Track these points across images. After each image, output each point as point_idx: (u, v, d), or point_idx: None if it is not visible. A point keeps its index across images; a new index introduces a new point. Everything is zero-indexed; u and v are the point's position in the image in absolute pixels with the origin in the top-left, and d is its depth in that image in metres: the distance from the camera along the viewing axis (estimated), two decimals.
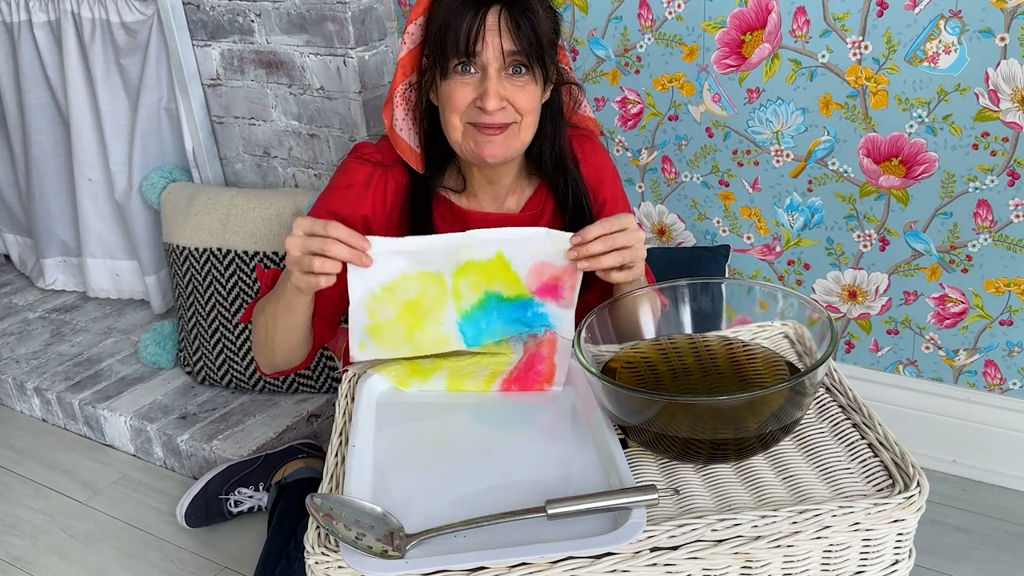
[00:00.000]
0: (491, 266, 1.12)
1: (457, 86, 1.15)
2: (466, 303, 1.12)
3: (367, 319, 1.12)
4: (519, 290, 1.13)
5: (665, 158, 1.79)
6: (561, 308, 1.13)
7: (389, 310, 1.12)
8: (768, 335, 1.11)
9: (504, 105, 1.15)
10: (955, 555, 1.54)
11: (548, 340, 1.13)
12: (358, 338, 1.12)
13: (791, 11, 1.56)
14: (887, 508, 0.84)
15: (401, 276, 1.11)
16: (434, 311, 1.12)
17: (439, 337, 1.13)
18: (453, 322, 1.13)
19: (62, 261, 2.53)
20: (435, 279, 1.12)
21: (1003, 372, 1.64)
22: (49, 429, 2.13)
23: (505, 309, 1.13)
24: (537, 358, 1.12)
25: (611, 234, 1.09)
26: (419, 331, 1.13)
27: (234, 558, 1.66)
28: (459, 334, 1.13)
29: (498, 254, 1.11)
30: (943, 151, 1.53)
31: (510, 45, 1.13)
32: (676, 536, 0.82)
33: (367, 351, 1.13)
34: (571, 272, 1.12)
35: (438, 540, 0.84)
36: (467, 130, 1.18)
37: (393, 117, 1.25)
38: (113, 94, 2.16)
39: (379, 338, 1.13)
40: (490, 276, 1.12)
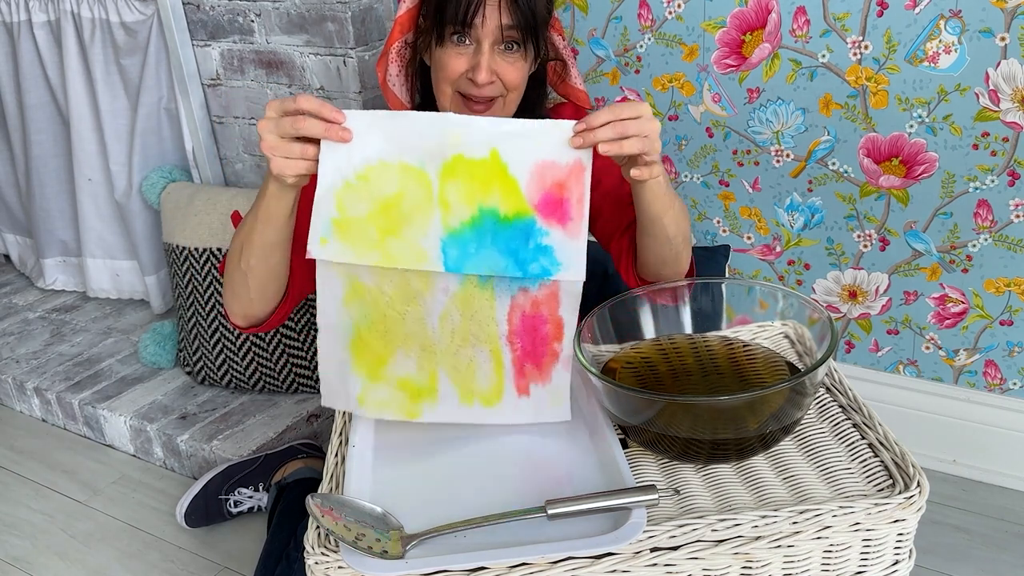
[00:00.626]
0: (485, 168, 0.97)
1: (451, 55, 1.18)
2: (455, 218, 0.98)
3: (335, 211, 0.97)
4: (519, 204, 0.97)
5: (665, 158, 1.79)
6: (568, 237, 0.98)
7: (362, 205, 0.98)
8: (768, 335, 1.10)
9: (493, 79, 1.18)
10: (955, 555, 1.54)
11: (548, 295, 1.00)
12: (320, 232, 0.98)
13: (791, 11, 1.56)
14: (887, 508, 0.84)
15: (379, 163, 0.97)
16: (416, 218, 0.98)
17: (417, 251, 0.98)
18: (437, 237, 0.98)
19: (62, 261, 2.53)
20: (418, 177, 0.97)
21: (1003, 372, 1.64)
22: (49, 429, 2.13)
23: (501, 234, 0.98)
24: (538, 320, 1.00)
25: (621, 121, 0.97)
26: (395, 237, 0.98)
27: (234, 558, 1.66)
28: (440, 254, 0.98)
29: (493, 153, 0.96)
30: (943, 151, 1.53)
31: (507, 19, 1.15)
32: (676, 536, 0.82)
33: (328, 248, 0.98)
34: (578, 175, 0.97)
35: (438, 540, 0.84)
36: (455, 98, 1.22)
37: (387, 72, 1.28)
38: (113, 94, 2.16)
39: (346, 235, 0.98)
40: (484, 183, 0.97)
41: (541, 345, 1.01)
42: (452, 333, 1.01)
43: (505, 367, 1.01)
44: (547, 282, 0.99)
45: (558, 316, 1.00)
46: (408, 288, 1.00)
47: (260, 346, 1.94)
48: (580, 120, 0.97)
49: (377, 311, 1.00)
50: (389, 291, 1.00)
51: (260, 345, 1.93)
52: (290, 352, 1.92)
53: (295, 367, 1.93)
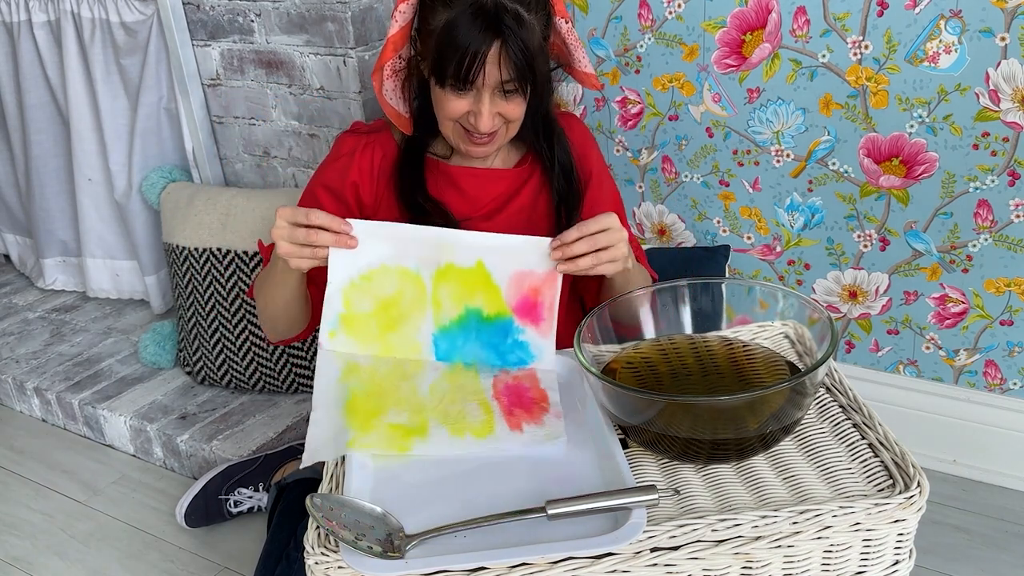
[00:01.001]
0: (472, 275, 1.11)
1: (451, 99, 1.20)
2: (446, 316, 1.12)
3: (342, 307, 1.11)
4: (499, 307, 1.12)
5: (665, 158, 1.79)
6: (540, 336, 1.12)
7: (365, 303, 1.11)
8: (768, 335, 1.10)
9: (495, 120, 1.21)
10: (955, 555, 1.54)
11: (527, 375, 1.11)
12: (330, 326, 1.11)
13: (791, 11, 1.56)
14: (887, 508, 0.84)
15: (381, 267, 1.11)
16: (412, 315, 1.12)
17: (413, 344, 1.12)
18: (429, 332, 1.12)
19: (62, 261, 2.53)
20: (414, 280, 1.12)
21: (1003, 372, 1.64)
22: (49, 429, 2.13)
23: (484, 330, 1.12)
24: (521, 389, 1.09)
25: (592, 235, 1.10)
26: (393, 332, 1.12)
27: (234, 558, 1.66)
28: (432, 346, 1.13)
29: (479, 263, 1.11)
30: (943, 151, 1.53)
31: (505, 75, 1.17)
32: (676, 536, 0.82)
33: (336, 341, 1.12)
34: (550, 282, 1.11)
35: (438, 540, 0.84)
36: (457, 129, 1.24)
37: (383, 88, 1.29)
38: (113, 94, 2.16)
39: (351, 330, 1.12)
40: (471, 287, 1.12)
41: (528, 403, 1.06)
42: (441, 398, 1.08)
43: (495, 412, 1.05)
44: (524, 368, 1.13)
45: (540, 388, 1.09)
46: (402, 369, 1.11)
47: (260, 346, 1.94)
48: (556, 238, 1.10)
49: (373, 382, 1.09)
50: (384, 370, 1.11)
51: (260, 345, 1.93)
52: (290, 352, 1.92)
53: (295, 367, 1.93)
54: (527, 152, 1.36)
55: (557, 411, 1.04)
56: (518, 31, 1.14)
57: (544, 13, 1.22)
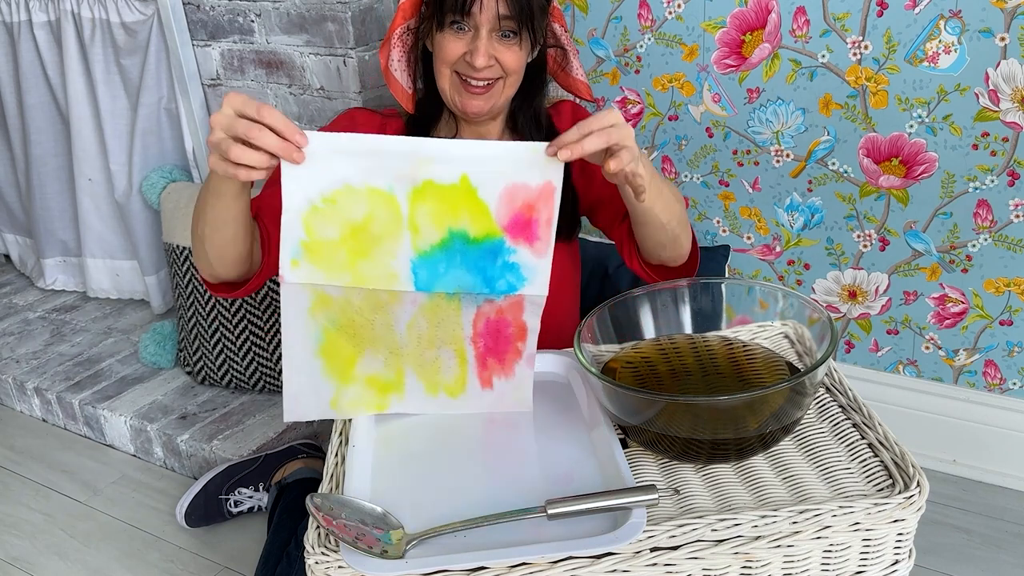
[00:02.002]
0: (455, 192, 0.97)
1: (450, 40, 1.21)
2: (425, 241, 0.98)
3: (303, 234, 0.97)
4: (488, 226, 0.98)
5: (665, 158, 1.79)
6: (535, 255, 1.00)
7: (331, 228, 0.97)
8: (768, 335, 1.10)
9: (492, 63, 1.21)
10: (955, 555, 1.54)
11: (512, 304, 1.02)
12: (291, 254, 0.97)
13: (791, 11, 1.56)
14: (887, 508, 0.84)
15: (345, 187, 0.96)
16: (386, 240, 0.98)
17: (388, 272, 0.99)
18: (407, 259, 0.99)
19: (62, 261, 2.53)
20: (387, 200, 0.97)
21: (1003, 372, 1.64)
22: (49, 429, 2.13)
23: (471, 253, 0.99)
24: (502, 323, 1.03)
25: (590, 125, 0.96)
26: (365, 260, 0.99)
27: (234, 558, 1.66)
28: (411, 275, 1.00)
29: (463, 178, 0.96)
30: (943, 151, 1.53)
31: (504, 10, 1.18)
32: (676, 536, 0.82)
33: (300, 271, 0.98)
34: (547, 197, 0.98)
35: (438, 540, 0.84)
36: (454, 82, 1.24)
37: (389, 58, 1.30)
38: (113, 94, 2.16)
39: (316, 258, 0.98)
40: (454, 206, 0.97)
41: (504, 343, 1.03)
42: (418, 338, 1.02)
43: (469, 363, 1.03)
44: (512, 295, 1.02)
45: (522, 321, 1.02)
46: (376, 299, 1.01)
47: (260, 346, 1.94)
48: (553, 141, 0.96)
49: (345, 316, 1.00)
50: (357, 301, 1.00)
51: (260, 345, 1.94)
52: None
53: None
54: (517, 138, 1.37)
55: (530, 356, 1.03)
56: None
57: None
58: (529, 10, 1.19)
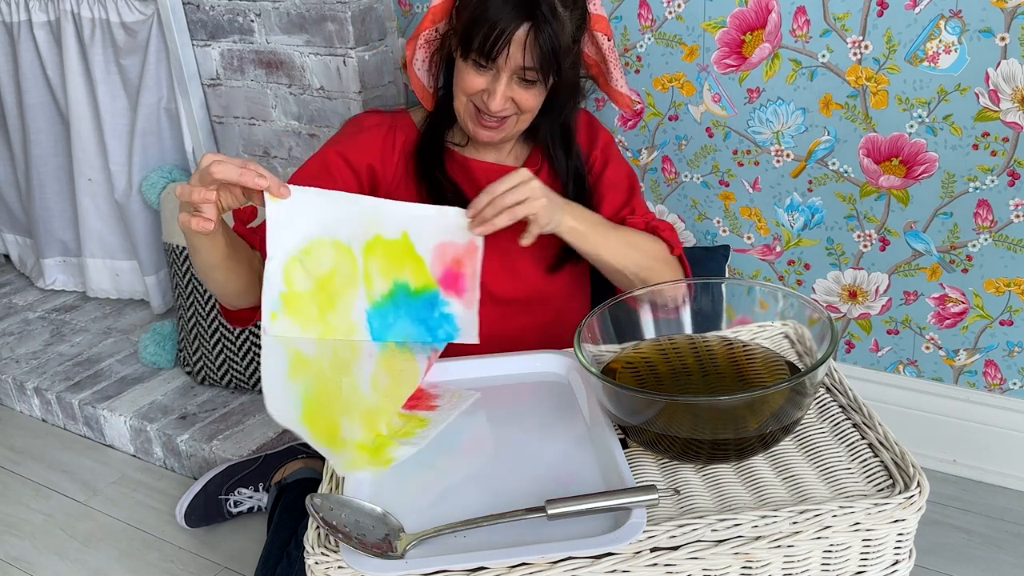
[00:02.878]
0: (397, 248, 1.11)
1: (471, 73, 1.21)
2: (376, 292, 1.10)
3: (283, 285, 1.03)
4: (425, 279, 1.13)
5: (665, 158, 1.79)
6: (464, 307, 1.14)
7: (304, 281, 1.05)
8: (768, 335, 1.10)
9: (507, 105, 1.22)
10: (955, 555, 1.54)
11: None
12: (271, 307, 1.02)
13: (791, 11, 1.56)
14: (887, 508, 0.84)
15: (317, 240, 1.05)
16: (346, 293, 1.08)
17: (348, 323, 1.09)
18: (362, 310, 1.10)
19: (62, 261, 2.53)
20: (346, 254, 1.08)
21: (1003, 372, 1.64)
22: (49, 429, 2.13)
23: (412, 305, 1.13)
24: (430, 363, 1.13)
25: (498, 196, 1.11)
26: (331, 311, 1.07)
27: (234, 558, 1.66)
28: (367, 325, 1.10)
29: (403, 235, 1.11)
30: (943, 151, 1.53)
31: (528, 62, 1.18)
32: (676, 536, 0.82)
33: (278, 324, 1.03)
34: (471, 253, 1.13)
35: (438, 540, 0.84)
36: (469, 108, 1.25)
37: (414, 56, 1.31)
38: (113, 94, 2.16)
39: (292, 310, 1.04)
40: (398, 260, 1.11)
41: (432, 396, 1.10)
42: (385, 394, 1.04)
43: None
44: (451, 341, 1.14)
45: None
46: (339, 358, 1.06)
47: (260, 346, 1.94)
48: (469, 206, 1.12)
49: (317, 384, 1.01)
50: (324, 364, 1.04)
51: (260, 345, 1.93)
52: None
53: None
54: (532, 149, 1.38)
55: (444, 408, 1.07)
56: (550, 20, 1.15)
57: (579, 14, 1.24)
58: (554, 59, 1.18)
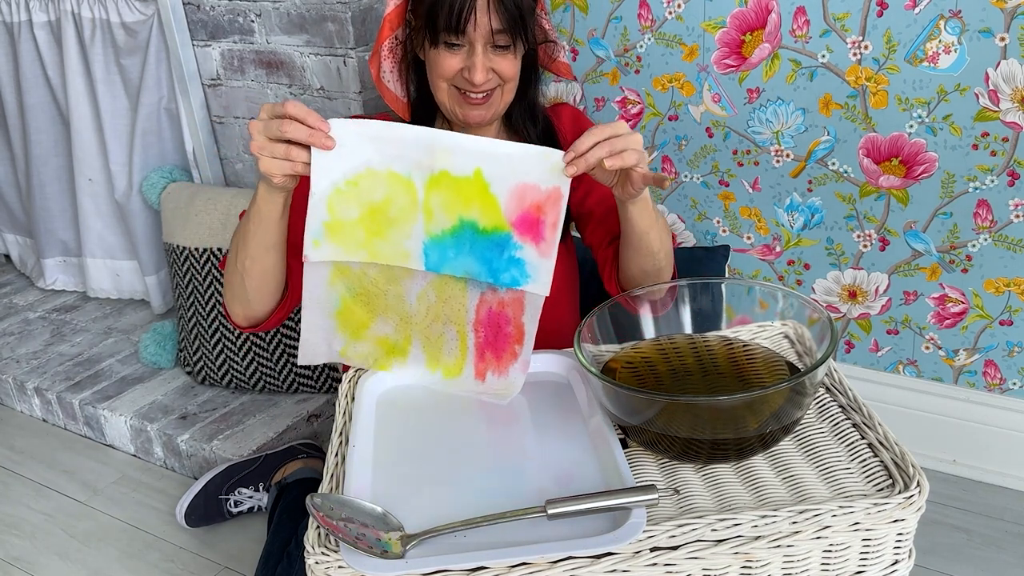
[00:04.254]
0: (468, 185, 1.02)
1: (445, 57, 1.21)
2: (437, 226, 1.04)
3: (326, 214, 1.03)
4: (497, 220, 1.03)
5: (665, 158, 1.79)
6: (540, 255, 1.04)
7: (352, 209, 1.04)
8: (768, 335, 1.10)
9: (490, 76, 1.21)
10: (955, 555, 1.54)
11: (513, 300, 1.06)
12: (313, 235, 1.04)
13: (791, 11, 1.56)
14: (887, 508, 0.84)
15: (367, 171, 1.02)
16: (401, 222, 1.05)
17: (401, 251, 1.06)
18: (419, 240, 1.05)
19: (62, 261, 2.53)
20: (405, 185, 1.03)
21: (1003, 372, 1.64)
22: (49, 429, 2.13)
23: (479, 243, 1.05)
24: (503, 319, 1.06)
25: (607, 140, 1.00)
26: (381, 239, 1.05)
27: (234, 558, 1.66)
28: (422, 255, 1.06)
29: (476, 172, 1.02)
30: (943, 151, 1.53)
31: (496, 24, 1.18)
32: (676, 536, 0.82)
33: (321, 250, 1.05)
34: (555, 201, 1.02)
35: (438, 540, 0.84)
36: (452, 93, 1.24)
37: (380, 69, 1.30)
38: (113, 94, 2.16)
39: (336, 236, 1.05)
40: (466, 198, 1.03)
41: (503, 340, 1.08)
42: (427, 309, 1.09)
43: (469, 349, 1.09)
44: (515, 289, 1.06)
45: (520, 322, 1.06)
46: (391, 272, 1.08)
47: (260, 346, 1.94)
48: (568, 150, 1.00)
49: (361, 285, 1.08)
50: (372, 273, 1.08)
51: (260, 345, 1.94)
52: (290, 352, 1.92)
53: (295, 367, 1.93)
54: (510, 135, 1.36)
55: (525, 361, 1.07)
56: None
57: None
58: (520, 18, 1.19)
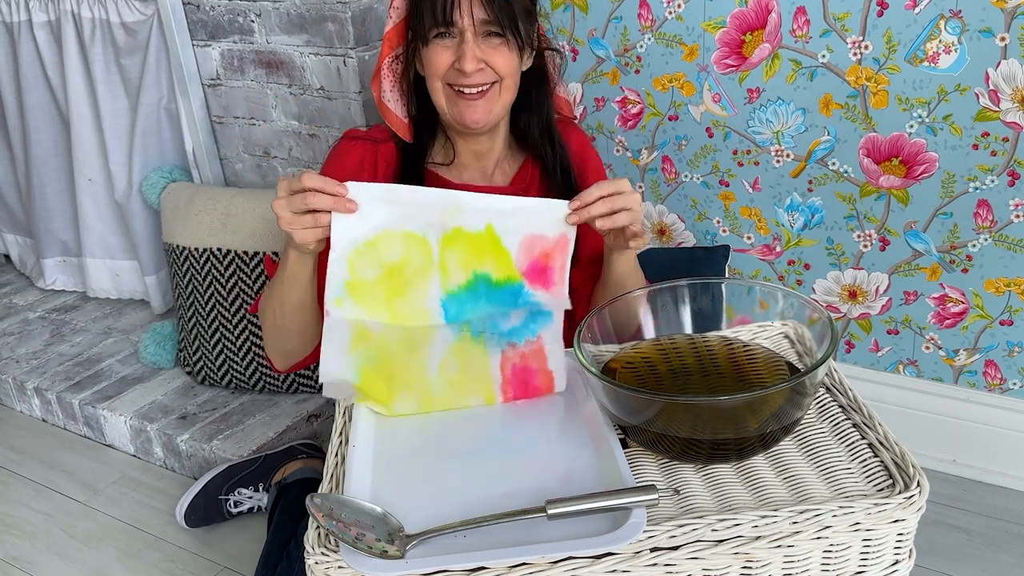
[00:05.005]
0: (480, 240, 1.07)
1: (437, 51, 1.20)
2: (453, 282, 1.09)
3: (347, 273, 1.07)
4: (509, 271, 1.09)
5: (665, 158, 1.79)
6: (552, 298, 1.09)
7: (370, 270, 1.07)
8: (768, 335, 1.10)
9: (482, 66, 1.20)
10: (955, 555, 1.54)
11: (534, 351, 1.09)
12: (335, 293, 1.07)
13: (791, 11, 1.56)
14: (887, 508, 0.84)
15: (384, 232, 1.06)
16: (418, 282, 1.08)
17: (420, 309, 1.09)
18: (436, 298, 1.09)
19: (62, 261, 2.53)
20: (420, 244, 1.07)
21: (1003, 372, 1.64)
22: (49, 429, 2.13)
23: (493, 294, 1.09)
24: (528, 372, 1.08)
25: (611, 196, 1.08)
26: (400, 299, 1.09)
27: (234, 558, 1.66)
28: (441, 310, 1.09)
29: (488, 227, 1.07)
30: (943, 151, 1.53)
31: (482, 14, 1.18)
32: (676, 536, 0.82)
33: (343, 309, 1.07)
34: (562, 247, 1.08)
35: (438, 540, 0.84)
36: (449, 94, 1.23)
37: (381, 89, 1.29)
38: (113, 94, 2.16)
39: (357, 297, 1.07)
40: (479, 252, 1.08)
41: (533, 391, 1.09)
42: (450, 384, 1.08)
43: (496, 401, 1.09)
44: (532, 340, 1.09)
45: (548, 369, 1.08)
46: (411, 340, 1.08)
47: (260, 346, 1.94)
48: (574, 199, 1.07)
49: (381, 354, 1.07)
50: (393, 342, 1.08)
51: (260, 345, 1.94)
52: None
53: None
54: (524, 161, 1.35)
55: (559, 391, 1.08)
56: None
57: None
58: (510, 11, 1.18)
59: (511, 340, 1.08)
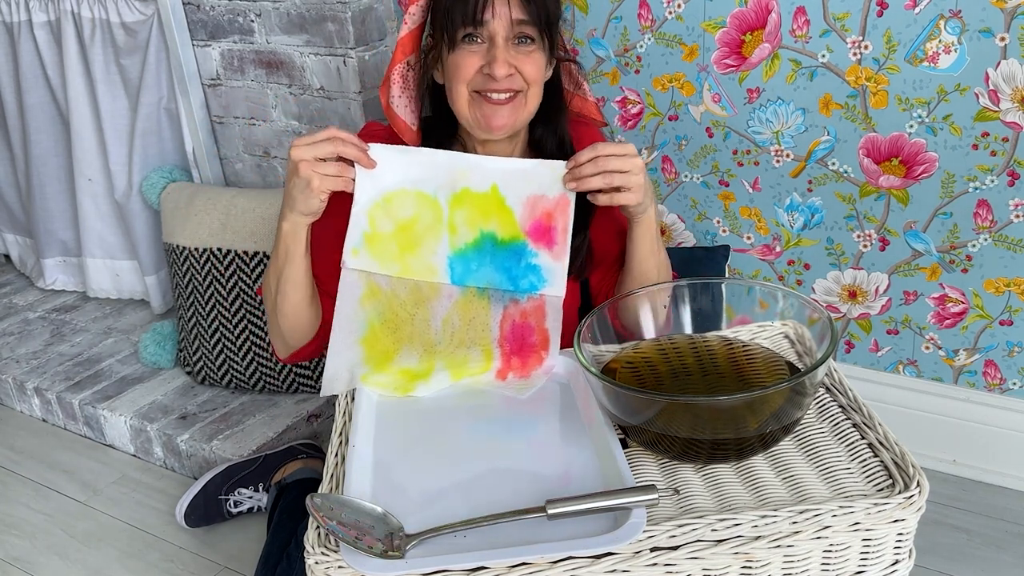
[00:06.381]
0: (486, 200, 1.14)
1: (465, 56, 1.17)
2: (461, 240, 1.16)
3: (367, 226, 1.15)
4: (513, 231, 1.15)
5: (665, 158, 1.79)
6: (553, 259, 1.15)
7: (387, 223, 1.15)
8: (768, 335, 1.10)
9: (512, 72, 1.16)
10: (955, 555, 1.54)
11: (535, 308, 1.15)
12: (353, 244, 1.15)
13: (791, 11, 1.56)
14: (887, 508, 0.84)
15: (401, 190, 1.14)
16: (427, 239, 1.16)
17: (429, 266, 1.16)
18: (444, 255, 1.16)
19: (62, 261, 2.53)
20: (431, 204, 1.15)
21: (1003, 372, 1.64)
22: (49, 429, 2.13)
23: (499, 254, 1.15)
24: (527, 329, 1.14)
25: (604, 156, 1.09)
26: (411, 254, 1.16)
27: (234, 558, 1.66)
28: (447, 269, 1.16)
29: (493, 187, 1.14)
30: (943, 151, 1.53)
31: (519, 14, 1.15)
32: (676, 536, 0.82)
33: (359, 259, 1.15)
34: (563, 207, 1.13)
35: (438, 540, 0.84)
36: (474, 100, 1.19)
37: (390, 95, 1.26)
38: (113, 94, 2.16)
39: (373, 249, 1.15)
40: (485, 212, 1.15)
41: (528, 350, 1.13)
42: (451, 336, 1.14)
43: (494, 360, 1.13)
44: (535, 296, 1.15)
45: (544, 328, 1.13)
46: (419, 293, 1.16)
47: (260, 346, 1.94)
48: (570, 159, 1.11)
49: (390, 309, 1.15)
50: (402, 294, 1.16)
51: (260, 345, 1.94)
52: None
53: (295, 367, 1.93)
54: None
55: (550, 366, 1.12)
56: None
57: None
58: (546, 11, 1.15)
59: (514, 296, 1.15)
